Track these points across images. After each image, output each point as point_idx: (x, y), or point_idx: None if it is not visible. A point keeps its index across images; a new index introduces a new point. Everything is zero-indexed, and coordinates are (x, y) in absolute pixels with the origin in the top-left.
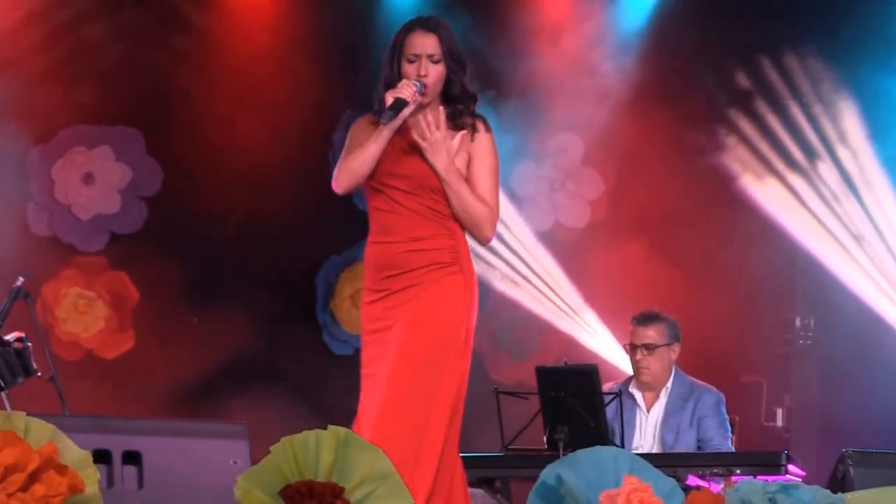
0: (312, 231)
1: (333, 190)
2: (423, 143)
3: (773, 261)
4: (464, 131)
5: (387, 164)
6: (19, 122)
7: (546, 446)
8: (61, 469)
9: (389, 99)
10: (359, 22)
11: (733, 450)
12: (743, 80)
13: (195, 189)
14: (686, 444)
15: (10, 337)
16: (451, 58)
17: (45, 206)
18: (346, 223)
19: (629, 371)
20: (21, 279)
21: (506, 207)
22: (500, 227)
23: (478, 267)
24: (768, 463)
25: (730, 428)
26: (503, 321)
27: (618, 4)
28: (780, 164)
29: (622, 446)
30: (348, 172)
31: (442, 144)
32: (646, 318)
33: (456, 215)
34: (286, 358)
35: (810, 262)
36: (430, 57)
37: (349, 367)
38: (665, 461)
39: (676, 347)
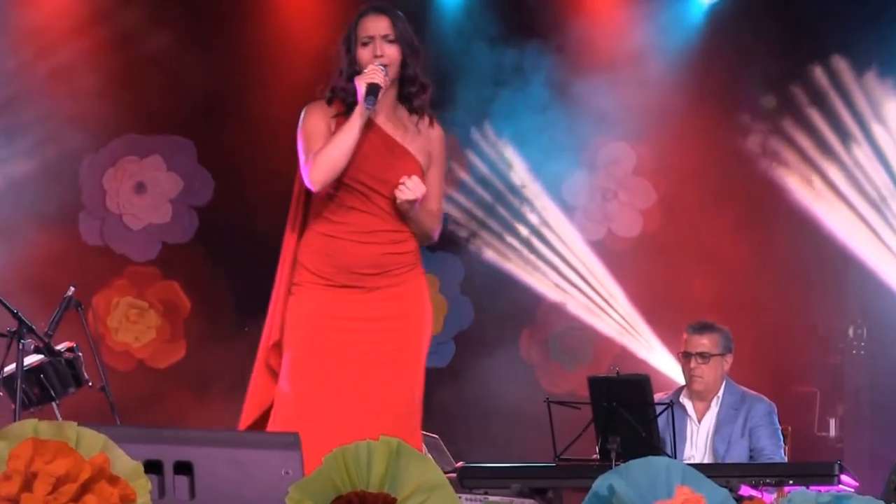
0: None
1: (309, 187)
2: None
3: (826, 270)
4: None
5: (364, 163)
6: (71, 131)
7: (598, 456)
8: (113, 479)
9: (362, 86)
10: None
11: (786, 460)
12: (796, 88)
13: (246, 198)
14: (738, 454)
15: (61, 347)
16: (405, 41)
17: (97, 215)
18: None
19: (681, 381)
20: (72, 288)
21: (558, 217)
22: (551, 237)
23: (530, 276)
24: (821, 473)
25: (782, 437)
26: (555, 331)
27: (669, 14)
28: (832, 173)
29: (674, 457)
30: (327, 167)
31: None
32: (700, 327)
33: (412, 230)
34: None
35: (863, 271)
36: (384, 37)
37: None
38: (717, 471)
39: (729, 358)
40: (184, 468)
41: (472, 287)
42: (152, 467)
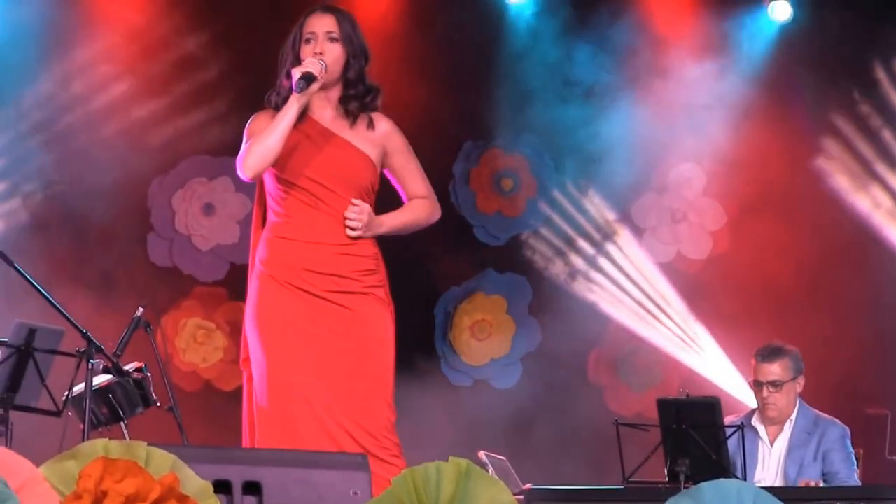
0: (432, 262)
1: (242, 175)
2: (357, 232)
3: None
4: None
5: (303, 157)
6: (141, 152)
7: (667, 479)
8: (182, 499)
9: (297, 74)
10: (482, 49)
11: (859, 484)
12: (870, 110)
13: None
14: (809, 478)
15: (129, 367)
16: (350, 41)
17: (166, 236)
18: (466, 255)
19: (751, 403)
20: (141, 309)
21: (627, 238)
22: (620, 258)
23: (600, 297)
24: (893, 497)
25: (855, 462)
26: (624, 352)
27: (740, 32)
28: None
29: (744, 479)
30: (260, 152)
31: (372, 223)
32: (769, 354)
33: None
34: (404, 388)
35: None
36: (327, 34)
37: (467, 398)
38: (789, 494)
39: (801, 380)
40: (253, 488)
41: (540, 308)
42: (221, 487)
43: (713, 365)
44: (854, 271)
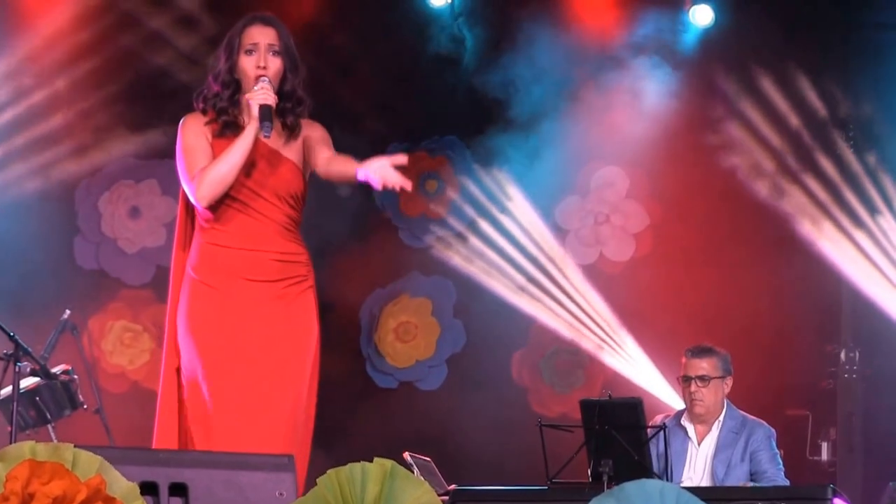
0: (357, 263)
1: (196, 204)
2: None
3: (818, 293)
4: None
5: (244, 173)
6: (67, 155)
7: (590, 480)
8: (109, 501)
9: (255, 107)
10: (406, 53)
11: (788, 482)
12: (792, 115)
13: None
14: (737, 478)
15: (56, 369)
16: (289, 54)
17: (92, 239)
18: (391, 256)
19: (673, 404)
20: (68, 312)
21: (550, 241)
22: (544, 260)
23: (523, 299)
24: (814, 497)
25: (781, 461)
26: (547, 354)
27: (661, 36)
28: (823, 196)
29: (669, 480)
30: (216, 183)
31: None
32: (700, 351)
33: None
34: (329, 389)
35: (856, 294)
36: (269, 47)
37: (393, 400)
38: (712, 494)
39: (729, 381)
40: (179, 490)
41: (465, 310)
42: (148, 489)
43: (636, 366)
44: (776, 273)
